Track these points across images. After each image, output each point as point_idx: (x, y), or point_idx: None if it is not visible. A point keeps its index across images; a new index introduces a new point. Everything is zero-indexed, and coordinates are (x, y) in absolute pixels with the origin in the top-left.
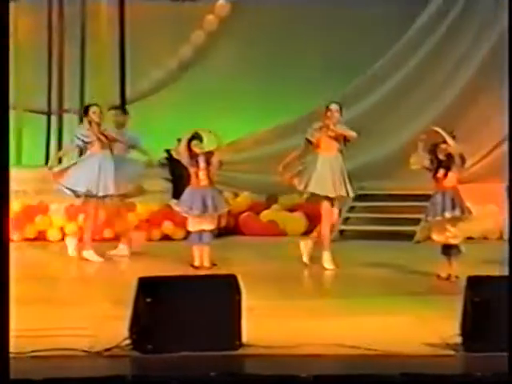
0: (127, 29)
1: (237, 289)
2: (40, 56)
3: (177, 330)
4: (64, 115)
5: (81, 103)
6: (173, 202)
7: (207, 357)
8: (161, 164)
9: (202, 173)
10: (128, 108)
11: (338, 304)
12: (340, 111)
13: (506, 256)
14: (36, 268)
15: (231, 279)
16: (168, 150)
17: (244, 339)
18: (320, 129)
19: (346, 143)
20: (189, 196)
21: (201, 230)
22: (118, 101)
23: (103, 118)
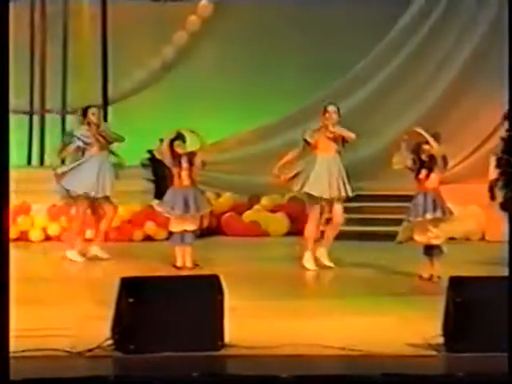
0: (109, 29)
1: (219, 289)
2: (22, 55)
3: (159, 331)
4: (46, 115)
5: (63, 103)
6: (155, 203)
7: (189, 357)
8: (143, 164)
9: (185, 173)
10: (110, 108)
11: (321, 304)
12: (338, 112)
13: (497, 256)
14: (18, 269)
15: (214, 279)
16: (150, 151)
17: (226, 340)
18: (318, 130)
19: (344, 144)
20: (171, 196)
21: (183, 231)
22: (101, 101)
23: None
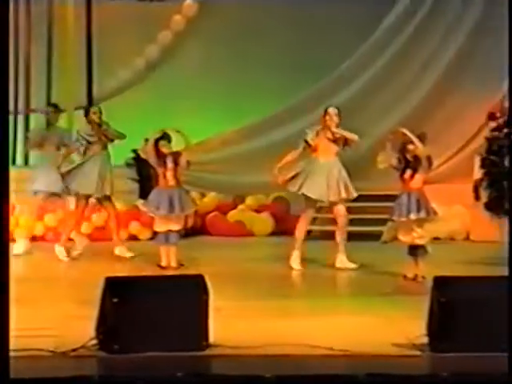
0: (94, 28)
1: (204, 289)
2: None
3: (143, 331)
4: (31, 114)
5: (48, 103)
6: (140, 203)
7: (174, 357)
8: (128, 164)
9: (170, 173)
10: None
11: (305, 304)
12: (338, 114)
13: (482, 256)
14: None
15: (198, 279)
16: (135, 150)
17: (211, 339)
18: (319, 131)
19: (345, 147)
20: (156, 196)
21: (167, 231)
22: (85, 100)
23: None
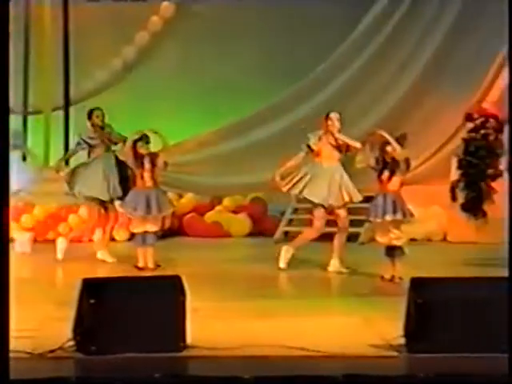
0: (71, 29)
1: (181, 290)
2: None
3: (121, 332)
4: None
5: (24, 103)
6: (117, 203)
7: (151, 358)
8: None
9: (147, 174)
10: (72, 109)
11: (283, 305)
12: (340, 119)
13: (459, 257)
14: None
15: (175, 280)
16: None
17: (188, 341)
18: (321, 136)
19: (347, 153)
20: (133, 197)
21: (144, 232)
22: (62, 101)
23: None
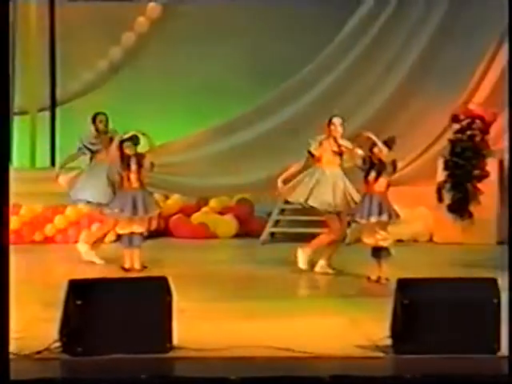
0: (57, 30)
1: (168, 291)
2: None
3: (107, 333)
4: None
5: (10, 104)
6: (103, 204)
7: (138, 359)
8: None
9: (133, 175)
10: (58, 110)
11: (269, 306)
12: (342, 124)
13: (445, 258)
14: None
15: (162, 281)
16: None
17: (175, 341)
18: (323, 142)
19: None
20: (119, 198)
21: (131, 233)
22: (49, 102)
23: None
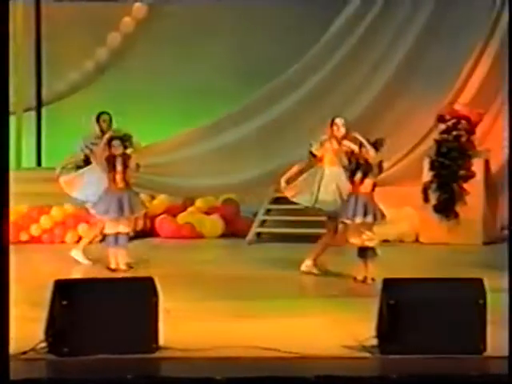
0: (43, 30)
1: (154, 291)
2: None
3: (93, 333)
4: None
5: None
6: (89, 205)
7: (124, 359)
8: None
9: (119, 176)
10: (44, 110)
11: (255, 306)
12: (345, 125)
13: (431, 258)
14: None
15: (148, 281)
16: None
17: (161, 342)
18: (325, 142)
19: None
20: (105, 199)
21: (117, 233)
22: (35, 102)
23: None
